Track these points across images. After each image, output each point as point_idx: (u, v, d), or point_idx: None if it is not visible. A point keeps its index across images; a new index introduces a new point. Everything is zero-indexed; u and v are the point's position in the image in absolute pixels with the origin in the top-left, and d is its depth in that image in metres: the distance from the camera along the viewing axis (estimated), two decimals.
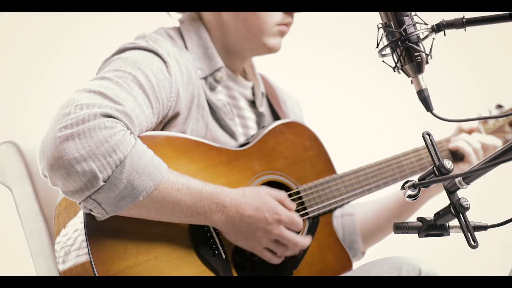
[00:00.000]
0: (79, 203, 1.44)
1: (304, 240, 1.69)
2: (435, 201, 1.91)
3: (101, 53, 1.85)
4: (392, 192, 2.07)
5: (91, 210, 1.44)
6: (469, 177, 1.27)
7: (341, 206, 1.86)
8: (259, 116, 1.94)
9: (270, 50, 1.86)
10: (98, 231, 1.48)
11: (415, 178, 1.98)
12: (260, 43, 1.84)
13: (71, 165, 1.36)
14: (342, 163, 1.92)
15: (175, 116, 1.68)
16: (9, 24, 3.05)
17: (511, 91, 3.37)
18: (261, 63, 2.08)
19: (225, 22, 1.83)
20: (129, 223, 1.51)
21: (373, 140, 3.24)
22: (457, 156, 2.06)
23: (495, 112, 2.20)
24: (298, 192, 1.78)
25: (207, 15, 1.86)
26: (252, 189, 1.63)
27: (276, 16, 1.81)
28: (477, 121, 2.13)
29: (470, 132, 2.12)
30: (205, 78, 1.80)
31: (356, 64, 2.57)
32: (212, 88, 1.81)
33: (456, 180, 1.27)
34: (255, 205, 1.59)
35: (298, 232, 1.69)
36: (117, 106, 1.45)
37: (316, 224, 1.80)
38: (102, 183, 1.39)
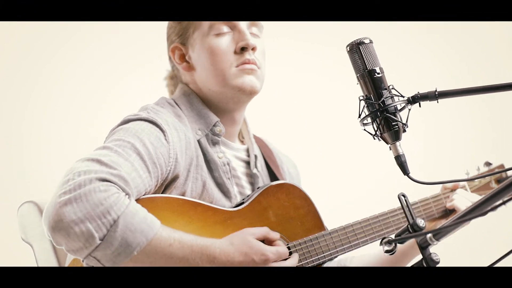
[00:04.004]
0: (82, 261, 1.58)
1: (292, 261, 1.81)
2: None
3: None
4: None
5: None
6: (439, 233, 1.42)
7: (330, 260, 1.96)
8: (252, 176, 2.09)
9: (242, 90, 1.98)
10: None
11: None
12: (230, 88, 1.98)
13: (70, 227, 1.51)
14: (334, 218, 2.05)
15: (175, 178, 1.84)
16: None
17: (499, 148, 3.51)
18: (259, 125, 2.25)
19: (201, 88, 2.03)
20: None
21: (362, 197, 3.38)
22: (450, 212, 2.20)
23: (483, 169, 2.32)
24: (288, 248, 1.88)
25: (191, 84, 2.05)
26: (238, 235, 1.75)
27: (230, 59, 1.97)
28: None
29: (454, 188, 2.24)
30: (206, 136, 1.97)
31: (347, 122, 2.73)
32: (214, 143, 1.98)
33: (427, 236, 1.41)
34: (243, 251, 1.71)
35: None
36: (112, 170, 1.60)
37: None
38: (98, 242, 1.53)
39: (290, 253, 1.87)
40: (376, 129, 1.58)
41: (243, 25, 1.99)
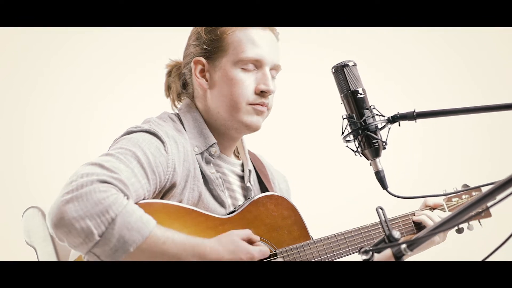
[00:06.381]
0: (84, 257, 1.70)
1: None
2: None
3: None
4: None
5: None
6: (413, 244, 1.53)
7: None
8: (246, 189, 2.20)
9: (247, 127, 2.09)
10: None
11: None
12: (238, 121, 2.08)
13: (71, 224, 1.64)
14: (318, 226, 2.16)
15: (172, 187, 1.96)
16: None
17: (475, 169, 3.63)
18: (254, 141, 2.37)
19: (210, 107, 2.12)
20: None
21: (346, 207, 3.49)
22: (421, 227, 2.29)
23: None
24: (275, 254, 2.00)
25: (198, 103, 2.15)
26: (225, 235, 1.87)
27: (248, 96, 2.06)
28: (441, 199, 2.36)
29: (434, 208, 2.34)
30: (201, 154, 2.08)
31: (332, 136, 2.84)
32: (207, 162, 2.09)
33: (402, 247, 1.52)
34: (231, 249, 1.83)
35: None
36: (113, 174, 1.74)
37: None
38: (97, 238, 1.66)
39: (275, 255, 1.99)
40: (357, 146, 1.70)
41: (267, 68, 2.08)
